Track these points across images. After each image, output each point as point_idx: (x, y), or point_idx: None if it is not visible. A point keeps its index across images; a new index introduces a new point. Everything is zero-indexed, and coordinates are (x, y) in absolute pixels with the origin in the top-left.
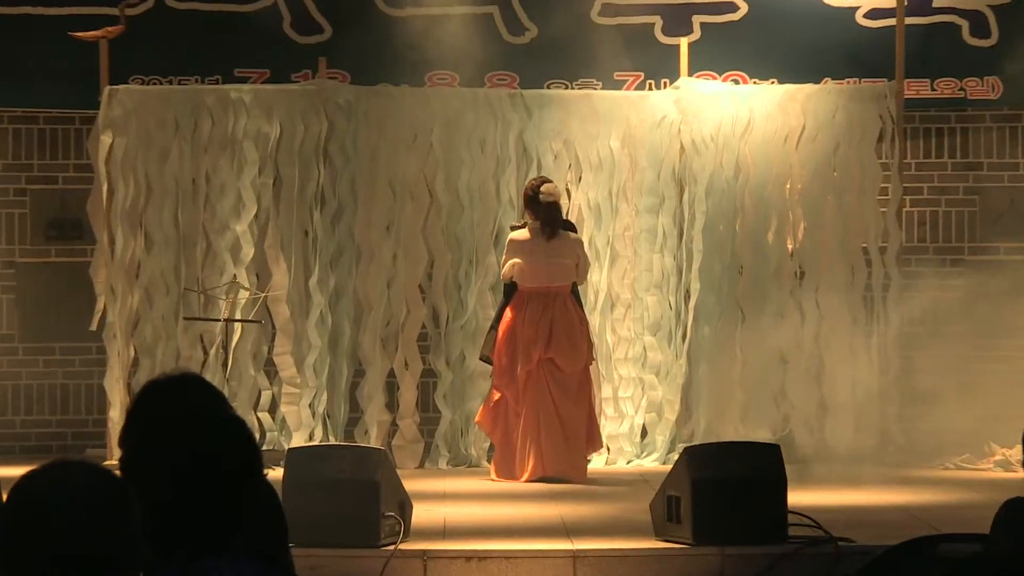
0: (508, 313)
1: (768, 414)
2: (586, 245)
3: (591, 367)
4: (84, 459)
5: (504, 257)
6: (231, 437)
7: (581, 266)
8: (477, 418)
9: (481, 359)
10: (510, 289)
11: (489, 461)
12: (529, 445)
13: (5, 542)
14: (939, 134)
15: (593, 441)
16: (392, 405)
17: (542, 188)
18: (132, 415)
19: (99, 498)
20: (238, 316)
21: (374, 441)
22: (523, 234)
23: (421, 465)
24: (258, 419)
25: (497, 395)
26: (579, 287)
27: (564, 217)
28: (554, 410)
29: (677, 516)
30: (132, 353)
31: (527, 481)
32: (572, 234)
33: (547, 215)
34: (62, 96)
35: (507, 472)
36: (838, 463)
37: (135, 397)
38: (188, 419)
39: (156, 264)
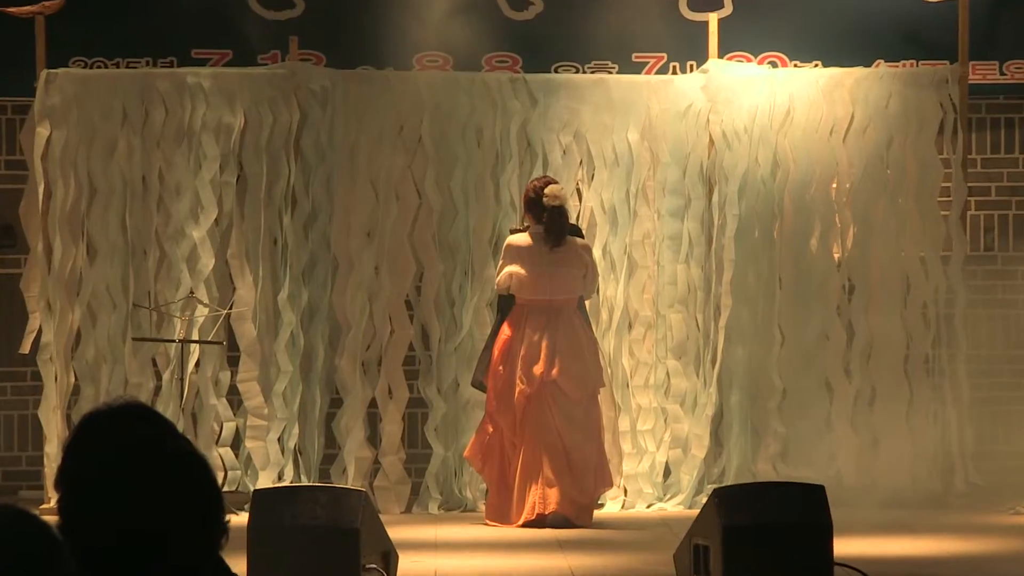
0: (505, 330)
1: (811, 450)
2: (600, 254)
3: (601, 393)
4: (9, 503)
5: (500, 264)
6: (185, 476)
7: (589, 276)
8: (466, 452)
9: (473, 385)
10: (506, 303)
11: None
12: (528, 482)
13: None
14: (1009, 125)
15: (603, 479)
16: (374, 440)
17: (546, 190)
18: (68, 452)
19: (22, 550)
20: (196, 336)
21: (353, 482)
22: (523, 239)
23: (408, 509)
24: (219, 456)
25: (491, 426)
26: (587, 301)
27: (572, 222)
28: (559, 440)
29: (705, 568)
30: (72, 379)
31: (523, 525)
32: (579, 239)
33: (551, 222)
34: None
35: (500, 515)
36: (892, 507)
37: (72, 431)
38: (134, 456)
39: (100, 276)
